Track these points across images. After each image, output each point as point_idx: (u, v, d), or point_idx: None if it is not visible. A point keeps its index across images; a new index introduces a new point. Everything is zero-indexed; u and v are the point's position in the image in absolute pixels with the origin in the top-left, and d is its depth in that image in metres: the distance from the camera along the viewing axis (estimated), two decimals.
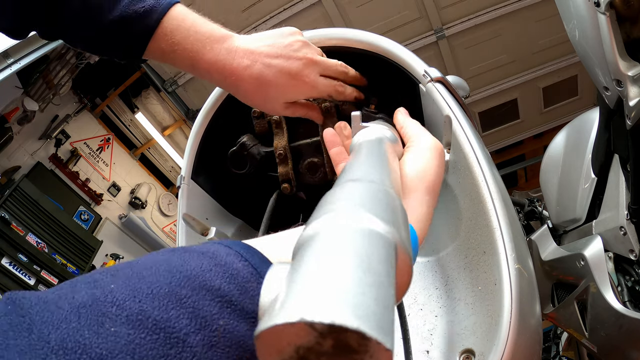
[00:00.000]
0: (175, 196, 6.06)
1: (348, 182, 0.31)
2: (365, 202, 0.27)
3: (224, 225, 1.09)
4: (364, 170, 0.36)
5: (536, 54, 3.96)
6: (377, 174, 0.35)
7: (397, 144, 0.56)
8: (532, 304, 0.68)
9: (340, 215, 0.25)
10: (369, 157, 0.43)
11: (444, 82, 0.86)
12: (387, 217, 0.26)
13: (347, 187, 0.30)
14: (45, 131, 4.64)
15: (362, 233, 0.24)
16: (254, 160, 1.00)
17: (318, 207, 0.29)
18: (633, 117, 1.01)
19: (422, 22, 3.75)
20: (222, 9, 3.64)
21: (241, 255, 0.31)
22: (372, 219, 0.25)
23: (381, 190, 0.30)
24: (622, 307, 1.33)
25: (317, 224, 0.25)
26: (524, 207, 2.59)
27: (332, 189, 0.32)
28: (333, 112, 0.97)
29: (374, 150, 0.47)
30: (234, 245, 0.32)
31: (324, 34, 0.97)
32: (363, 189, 0.30)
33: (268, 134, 1.02)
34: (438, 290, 0.79)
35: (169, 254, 0.30)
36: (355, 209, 0.26)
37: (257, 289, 0.29)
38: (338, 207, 0.27)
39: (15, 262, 3.46)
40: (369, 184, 0.31)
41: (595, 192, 1.57)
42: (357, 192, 0.29)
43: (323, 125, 0.97)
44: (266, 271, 0.30)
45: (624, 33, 0.93)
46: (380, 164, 0.41)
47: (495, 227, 0.68)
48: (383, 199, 0.29)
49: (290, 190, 1.01)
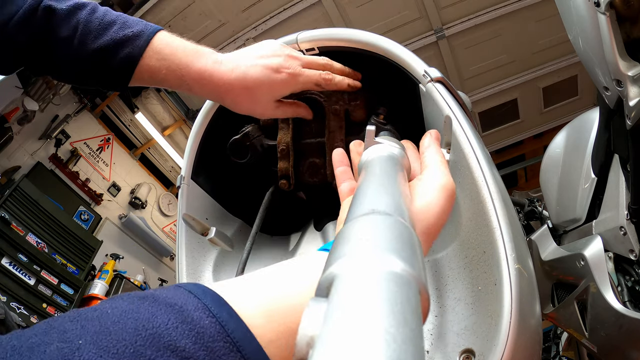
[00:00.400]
0: (175, 196, 6.06)
1: (366, 215, 0.32)
2: (389, 243, 0.28)
3: (224, 225, 1.09)
4: (380, 199, 0.36)
5: (536, 54, 3.96)
6: (394, 203, 0.36)
7: (406, 159, 0.56)
8: (532, 304, 0.68)
9: (366, 260, 0.26)
10: (383, 180, 0.43)
11: (444, 82, 0.86)
12: (411, 259, 0.27)
13: (367, 223, 0.31)
14: (45, 131, 4.64)
15: (394, 282, 0.24)
16: (255, 152, 1.00)
17: (338, 243, 0.30)
18: (633, 117, 1.01)
19: (422, 22, 3.75)
20: (222, 9, 3.64)
21: (209, 310, 0.31)
22: (401, 265, 0.26)
23: (401, 225, 0.31)
24: (622, 307, 1.33)
25: (344, 268, 0.26)
26: (524, 207, 2.59)
27: (351, 223, 0.32)
28: (342, 116, 0.97)
29: (388, 172, 0.46)
30: (204, 295, 0.32)
31: (324, 34, 0.97)
32: (384, 226, 0.30)
33: (273, 127, 1.01)
34: (438, 290, 0.79)
35: (137, 303, 0.30)
36: (380, 253, 0.26)
37: (223, 348, 0.29)
38: (362, 248, 0.27)
39: (15, 262, 3.46)
40: (388, 217, 0.31)
41: (595, 192, 1.57)
42: (378, 229, 0.30)
43: (330, 127, 0.97)
44: (234, 327, 0.30)
45: (624, 33, 0.93)
46: (395, 189, 0.41)
47: (495, 227, 0.68)
48: (405, 237, 0.30)
49: (287, 187, 1.01)
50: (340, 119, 0.97)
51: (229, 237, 1.04)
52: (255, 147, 1.00)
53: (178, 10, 3.66)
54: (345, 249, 0.28)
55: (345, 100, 0.97)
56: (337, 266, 0.26)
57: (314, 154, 1.00)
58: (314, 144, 1.00)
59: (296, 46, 0.99)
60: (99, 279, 4.20)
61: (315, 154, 1.00)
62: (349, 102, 0.97)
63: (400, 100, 1.02)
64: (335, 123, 0.97)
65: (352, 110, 0.97)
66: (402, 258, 0.26)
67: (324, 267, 0.28)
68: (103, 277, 4.22)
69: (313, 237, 1.09)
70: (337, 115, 0.97)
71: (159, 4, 3.63)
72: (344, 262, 0.26)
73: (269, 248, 1.13)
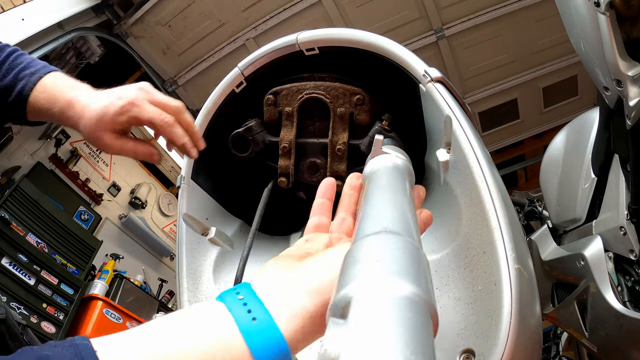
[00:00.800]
0: (175, 196, 6.06)
1: (378, 235, 0.33)
2: (402, 266, 0.29)
3: (224, 225, 1.09)
4: (391, 217, 0.37)
5: (536, 54, 3.95)
6: (404, 222, 0.37)
7: (412, 175, 0.57)
8: (532, 304, 0.68)
9: (382, 285, 0.27)
10: (392, 196, 0.44)
11: (444, 82, 0.86)
12: (424, 283, 0.28)
13: (379, 243, 0.32)
14: (45, 131, 4.64)
15: (410, 309, 0.25)
16: (257, 147, 1.00)
17: (351, 262, 0.31)
18: (633, 117, 1.01)
19: (422, 22, 3.75)
20: (222, 9, 3.64)
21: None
22: (415, 291, 0.27)
23: (411, 246, 0.32)
24: (622, 307, 1.33)
25: (360, 292, 0.27)
26: (524, 207, 2.59)
27: (362, 242, 0.33)
28: (346, 119, 0.97)
29: (396, 186, 0.47)
30: (87, 355, 0.33)
31: (324, 34, 0.97)
32: (395, 247, 0.31)
33: (276, 123, 1.02)
34: (438, 290, 0.79)
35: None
36: (395, 278, 0.27)
37: None
38: (376, 271, 0.28)
39: (15, 262, 3.46)
40: (399, 238, 0.32)
41: (595, 192, 1.57)
42: (390, 251, 0.31)
43: (334, 129, 0.97)
44: None
45: (624, 33, 0.93)
46: (405, 206, 0.42)
47: (495, 227, 0.68)
48: (415, 259, 0.31)
49: (286, 184, 1.01)
50: (345, 122, 0.97)
51: (229, 237, 1.04)
52: (257, 142, 1.00)
53: (178, 10, 3.66)
54: (360, 269, 0.29)
55: (352, 104, 0.97)
56: (353, 289, 0.27)
57: (316, 154, 1.01)
58: (316, 144, 1.00)
59: (296, 46, 0.99)
60: (99, 279, 4.20)
61: (317, 154, 1.00)
62: (355, 106, 0.97)
63: (401, 101, 1.02)
64: (339, 125, 0.97)
65: (357, 114, 0.97)
66: (416, 283, 0.27)
67: (337, 286, 0.29)
68: (103, 277, 4.22)
69: None
70: (342, 118, 0.97)
71: (159, 4, 3.62)
72: (360, 285, 0.27)
73: (269, 248, 1.13)
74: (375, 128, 0.95)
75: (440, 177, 0.86)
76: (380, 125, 0.95)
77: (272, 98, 1.00)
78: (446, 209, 0.85)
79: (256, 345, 0.35)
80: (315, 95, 0.97)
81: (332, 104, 0.96)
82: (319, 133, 1.00)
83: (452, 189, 0.82)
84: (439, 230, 0.87)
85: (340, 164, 0.99)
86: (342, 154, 0.98)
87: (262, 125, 1.01)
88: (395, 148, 0.64)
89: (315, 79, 1.01)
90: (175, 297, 4.96)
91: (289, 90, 1.00)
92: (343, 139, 0.98)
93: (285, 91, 1.00)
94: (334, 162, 0.99)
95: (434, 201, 0.93)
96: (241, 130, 0.99)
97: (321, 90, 0.97)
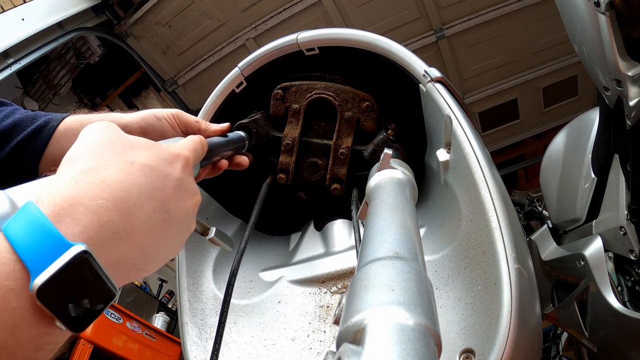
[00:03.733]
0: None
1: (391, 260, 0.35)
2: (414, 297, 0.31)
3: (224, 225, 1.09)
4: (402, 243, 0.39)
5: (536, 54, 3.95)
6: (413, 248, 0.39)
7: (415, 190, 0.59)
8: (532, 304, 0.68)
9: (396, 315, 0.29)
10: (402, 219, 0.46)
11: (444, 82, 0.86)
12: (432, 314, 0.31)
13: (393, 270, 0.34)
14: None
15: (420, 341, 0.28)
16: (259, 140, 1.00)
17: (365, 286, 0.32)
18: (633, 117, 1.01)
19: (422, 22, 3.75)
20: (222, 9, 3.64)
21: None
22: (425, 322, 0.29)
23: (422, 276, 0.34)
24: (622, 307, 1.33)
25: (376, 320, 0.29)
26: (524, 207, 2.59)
27: (376, 265, 0.35)
28: (353, 124, 0.97)
29: (404, 207, 0.50)
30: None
31: (325, 34, 0.97)
32: (408, 276, 0.33)
33: (281, 119, 1.01)
34: (438, 290, 0.79)
35: None
36: (409, 309, 0.30)
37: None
38: (391, 300, 0.30)
39: None
40: (411, 266, 0.34)
41: (595, 192, 1.57)
42: (404, 280, 0.33)
43: (339, 132, 0.98)
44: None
45: (624, 33, 0.93)
46: (413, 230, 0.44)
47: (495, 227, 0.68)
48: (424, 288, 0.33)
49: (285, 181, 1.01)
50: (351, 126, 0.97)
51: (229, 237, 1.04)
52: (260, 135, 1.00)
53: (178, 10, 3.65)
54: (374, 297, 0.31)
55: (360, 109, 0.97)
56: (369, 317, 0.29)
57: (318, 154, 1.01)
58: (319, 144, 1.00)
59: (296, 46, 0.99)
60: None
61: (319, 154, 1.00)
62: (362, 112, 0.97)
63: (400, 100, 1.02)
64: (345, 129, 0.98)
65: (364, 120, 0.97)
66: (425, 314, 0.29)
67: (348, 305, 0.31)
68: None
69: (313, 237, 1.09)
70: (349, 122, 0.97)
71: (159, 4, 3.62)
72: (376, 315, 0.29)
73: (269, 248, 1.13)
74: (381, 137, 0.95)
75: (440, 177, 0.86)
76: (385, 134, 0.95)
77: (280, 93, 1.00)
78: (446, 209, 0.85)
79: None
80: (324, 96, 0.97)
81: (340, 107, 0.96)
82: (323, 134, 1.00)
83: (452, 189, 0.82)
84: (439, 230, 0.87)
85: (341, 167, 0.99)
86: (344, 158, 0.98)
87: (266, 119, 1.01)
88: (401, 162, 0.64)
89: (326, 79, 1.00)
90: (175, 297, 4.96)
91: (298, 87, 1.00)
92: (347, 143, 0.98)
93: (294, 88, 1.00)
94: (335, 165, 0.99)
95: (434, 201, 0.93)
96: (246, 121, 0.99)
97: (331, 91, 0.97)
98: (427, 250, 0.86)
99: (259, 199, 0.94)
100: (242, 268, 1.01)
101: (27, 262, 0.32)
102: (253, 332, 0.91)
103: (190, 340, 0.89)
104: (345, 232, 1.04)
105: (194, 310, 0.93)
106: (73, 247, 0.33)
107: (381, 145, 0.95)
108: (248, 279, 1.01)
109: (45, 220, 0.34)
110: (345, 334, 0.29)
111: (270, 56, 1.01)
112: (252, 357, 0.87)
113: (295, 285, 0.95)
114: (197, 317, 0.93)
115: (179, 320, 0.92)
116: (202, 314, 0.94)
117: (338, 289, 0.93)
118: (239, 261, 0.82)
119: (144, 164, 0.42)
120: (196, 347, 0.88)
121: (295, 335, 0.88)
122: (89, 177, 0.38)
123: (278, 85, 1.01)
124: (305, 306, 0.92)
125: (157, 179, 0.43)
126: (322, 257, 1.00)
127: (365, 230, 0.46)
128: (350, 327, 0.29)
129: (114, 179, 0.39)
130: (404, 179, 0.56)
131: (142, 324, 3.76)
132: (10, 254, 0.33)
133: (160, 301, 4.83)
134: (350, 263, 0.95)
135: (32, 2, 3.12)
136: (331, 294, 0.93)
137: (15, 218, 0.34)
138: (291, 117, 1.00)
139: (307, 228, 1.12)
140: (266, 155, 1.04)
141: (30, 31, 2.99)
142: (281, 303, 0.94)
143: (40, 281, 0.32)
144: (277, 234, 1.19)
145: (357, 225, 0.85)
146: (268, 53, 1.01)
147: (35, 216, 0.34)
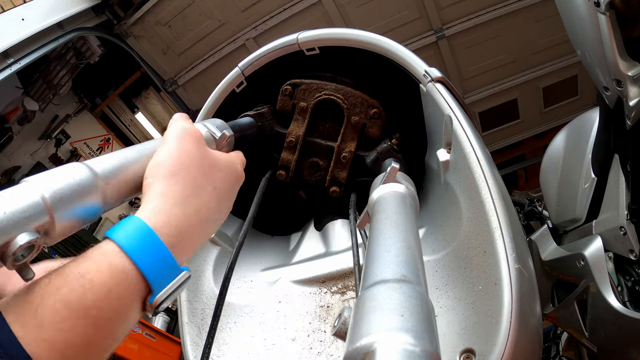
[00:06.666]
0: None
1: (399, 283, 0.36)
2: (421, 324, 0.33)
3: (224, 225, 1.09)
4: (409, 266, 0.41)
5: (536, 54, 3.95)
6: (418, 272, 0.40)
7: (417, 204, 0.59)
8: (532, 304, 0.68)
9: (405, 342, 0.30)
10: (407, 239, 0.47)
11: (444, 82, 0.86)
12: (436, 339, 0.32)
13: (401, 294, 0.35)
14: (45, 131, 4.64)
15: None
16: (263, 134, 1.00)
17: (373, 307, 0.34)
18: (633, 117, 1.01)
19: (422, 22, 3.75)
20: (222, 9, 3.64)
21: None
22: (430, 349, 0.31)
23: (427, 301, 0.36)
24: (622, 307, 1.33)
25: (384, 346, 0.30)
26: (524, 207, 2.59)
27: (385, 288, 0.36)
28: (358, 128, 0.97)
29: (409, 226, 0.51)
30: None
31: (325, 33, 0.97)
32: (416, 302, 0.35)
33: (287, 115, 1.01)
34: (438, 290, 0.79)
35: None
36: (416, 336, 0.31)
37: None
38: (400, 326, 0.32)
39: None
40: (417, 291, 0.36)
41: (595, 192, 1.57)
42: (411, 305, 0.34)
43: (344, 135, 0.97)
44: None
45: (624, 33, 0.93)
46: (418, 251, 0.45)
47: (495, 227, 0.68)
48: (428, 314, 0.34)
49: (284, 178, 1.01)
50: (356, 131, 0.97)
51: (229, 237, 1.04)
52: (264, 130, 0.99)
53: (178, 10, 3.65)
54: (383, 320, 0.32)
55: (367, 115, 0.97)
56: (379, 340, 0.30)
57: (320, 155, 1.00)
58: (322, 145, 1.00)
59: (297, 46, 0.99)
60: None
61: (321, 155, 1.00)
62: (369, 118, 0.97)
63: (401, 100, 1.02)
64: (350, 133, 0.98)
65: (370, 126, 0.97)
66: (429, 340, 0.31)
67: (356, 327, 0.32)
68: None
69: (313, 237, 1.09)
70: (355, 127, 0.97)
71: (159, 4, 3.62)
72: (385, 340, 0.30)
73: (269, 248, 1.13)
74: (385, 146, 0.95)
75: (441, 177, 0.86)
76: (390, 143, 0.95)
77: (289, 89, 1.00)
78: (446, 209, 0.85)
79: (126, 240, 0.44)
80: (333, 97, 0.97)
81: (348, 110, 0.96)
82: (328, 135, 1.00)
83: (453, 188, 0.82)
84: (439, 230, 0.87)
85: (342, 171, 0.99)
86: (346, 162, 0.98)
87: (272, 114, 1.01)
88: (406, 177, 0.65)
89: (336, 81, 1.00)
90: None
91: (308, 85, 0.99)
92: (350, 148, 0.98)
93: (304, 86, 0.99)
94: (336, 168, 0.99)
95: (434, 201, 0.93)
96: (252, 113, 0.98)
97: (341, 94, 0.97)
98: (428, 250, 0.86)
99: (258, 193, 0.94)
100: (242, 268, 1.01)
101: (151, 282, 0.44)
102: (253, 332, 0.91)
103: (190, 340, 0.89)
104: (346, 232, 1.04)
105: (193, 310, 0.93)
106: (183, 273, 0.47)
107: (385, 154, 0.95)
108: (248, 279, 1.01)
109: (167, 252, 0.46)
110: (353, 354, 0.30)
111: (270, 56, 1.01)
112: (252, 357, 0.87)
113: (295, 285, 0.95)
114: (197, 317, 0.93)
115: (179, 320, 0.92)
116: (202, 314, 0.94)
117: (338, 289, 0.93)
118: (236, 255, 0.82)
119: (224, 190, 0.59)
120: (196, 347, 0.88)
121: (295, 335, 0.88)
122: (191, 206, 0.51)
123: (288, 81, 1.00)
124: (306, 306, 0.92)
125: (230, 201, 0.61)
126: (322, 257, 1.00)
127: (370, 246, 0.46)
128: (359, 349, 0.30)
129: (207, 208, 0.54)
130: (407, 194, 0.57)
131: (142, 324, 3.76)
132: (134, 271, 0.43)
133: None
134: (351, 263, 0.95)
135: (32, 2, 3.12)
136: (331, 294, 0.93)
137: (140, 243, 0.45)
138: (297, 115, 0.99)
139: (308, 228, 1.12)
140: (268, 150, 1.04)
141: (30, 31, 2.99)
142: (281, 303, 0.94)
143: (161, 298, 0.45)
144: (277, 234, 1.19)
145: (354, 229, 0.85)
146: (268, 53, 1.01)
147: (160, 247, 0.46)
